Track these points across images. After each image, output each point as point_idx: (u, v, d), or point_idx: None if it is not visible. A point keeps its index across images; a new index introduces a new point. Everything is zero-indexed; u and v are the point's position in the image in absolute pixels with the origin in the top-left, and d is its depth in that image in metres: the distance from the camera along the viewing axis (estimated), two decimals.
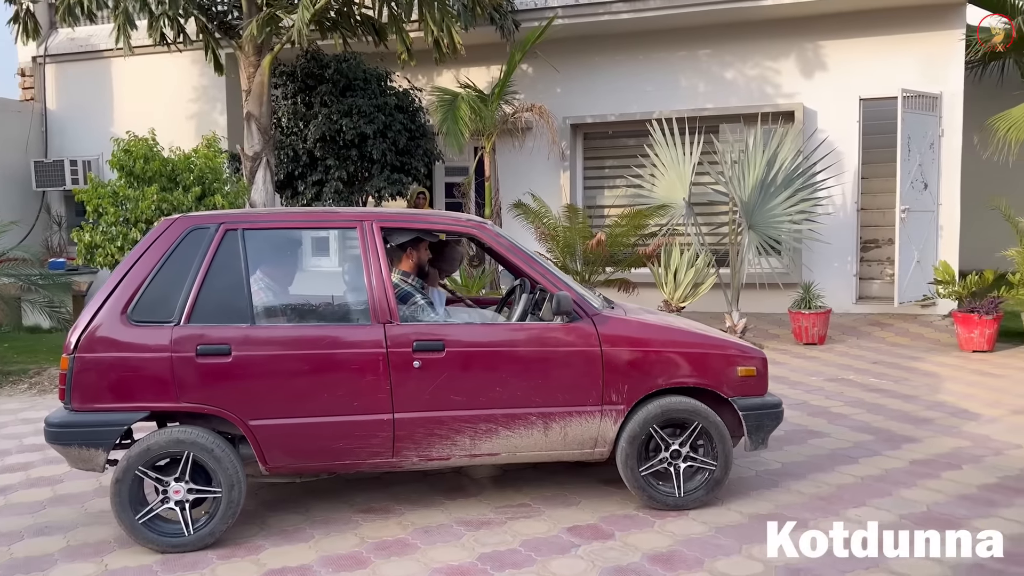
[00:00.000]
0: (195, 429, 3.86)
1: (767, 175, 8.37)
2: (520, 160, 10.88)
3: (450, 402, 3.97)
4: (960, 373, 7.21)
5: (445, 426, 3.97)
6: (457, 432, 3.99)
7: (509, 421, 4.01)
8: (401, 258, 4.47)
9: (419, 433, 3.96)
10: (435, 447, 4.00)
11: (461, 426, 3.98)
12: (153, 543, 3.84)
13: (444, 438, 3.99)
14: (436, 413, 3.96)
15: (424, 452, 4.00)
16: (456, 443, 4.01)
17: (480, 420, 3.99)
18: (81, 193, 7.29)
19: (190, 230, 3.96)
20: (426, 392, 3.94)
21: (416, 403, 3.94)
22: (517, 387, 4.01)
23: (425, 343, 3.94)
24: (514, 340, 4.06)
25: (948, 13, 9.57)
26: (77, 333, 3.79)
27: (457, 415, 3.97)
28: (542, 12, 10.18)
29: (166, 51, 10.12)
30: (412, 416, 3.94)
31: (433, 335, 3.98)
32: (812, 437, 5.39)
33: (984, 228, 10.04)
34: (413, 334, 3.95)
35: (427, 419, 3.95)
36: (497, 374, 4.01)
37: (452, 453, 4.03)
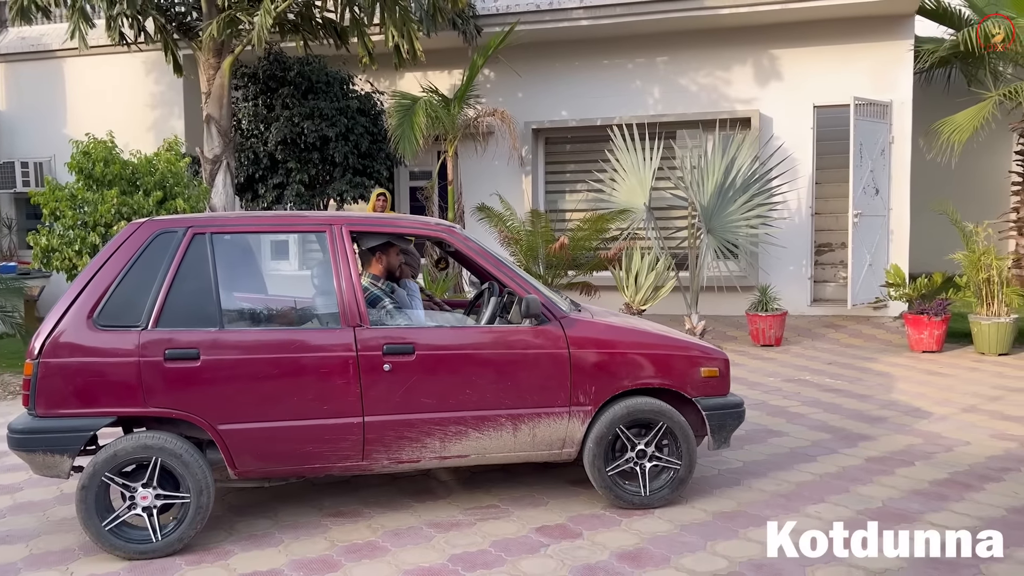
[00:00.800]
0: (163, 434, 3.83)
1: (725, 180, 8.55)
2: (483, 164, 10.95)
3: (420, 405, 4.00)
4: (911, 373, 7.45)
5: (415, 429, 4.00)
6: (427, 435, 4.02)
7: (479, 423, 4.06)
8: (371, 262, 4.49)
9: (389, 436, 3.98)
10: (405, 450, 4.03)
11: (431, 428, 4.02)
12: (120, 550, 3.80)
13: (414, 441, 4.02)
14: (406, 416, 3.99)
15: (394, 455, 4.03)
16: (426, 445, 4.04)
17: (450, 422, 4.03)
18: (37, 195, 7.16)
19: (157, 234, 3.93)
20: (396, 395, 3.97)
21: (386, 406, 3.96)
22: (486, 389, 4.06)
23: (395, 346, 3.97)
24: (483, 343, 4.11)
25: (898, 24, 9.90)
26: (42, 338, 3.74)
27: (427, 418, 4.01)
28: (504, 18, 10.26)
29: (124, 51, 9.99)
30: (382, 419, 3.96)
31: (403, 338, 4.01)
32: (772, 436, 5.53)
33: (934, 232, 10.39)
34: (383, 337, 3.98)
35: (397, 422, 3.98)
36: (466, 377, 4.05)
37: (422, 456, 4.06)
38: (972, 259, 8.35)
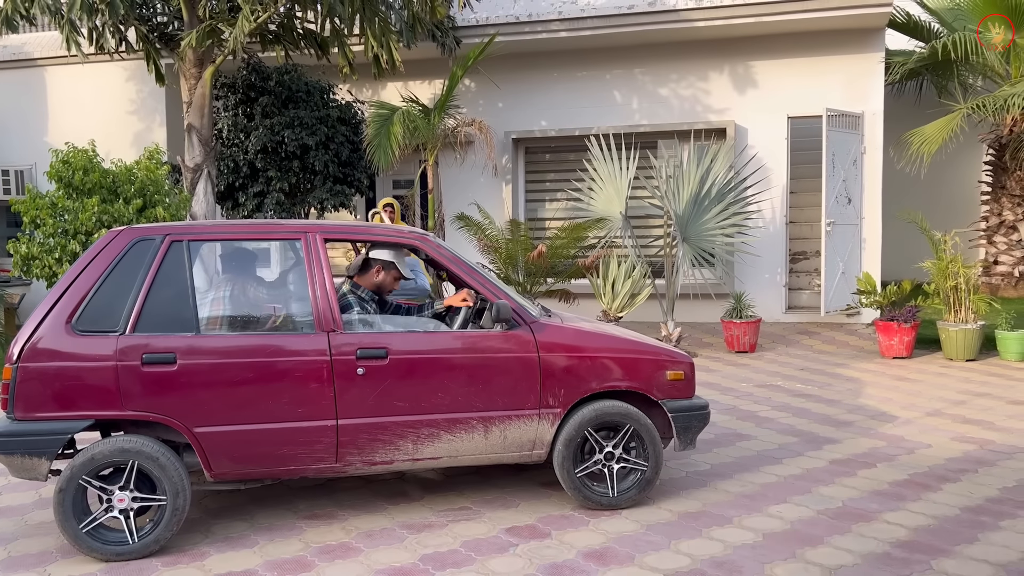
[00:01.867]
0: (140, 438, 3.90)
1: (700, 190, 8.72)
2: (463, 173, 11.08)
3: (393, 408, 4.10)
4: (880, 378, 7.62)
5: (388, 431, 4.10)
6: (400, 437, 4.12)
7: (450, 426, 4.16)
8: (367, 273, 4.61)
9: (363, 439, 4.08)
10: (378, 452, 4.12)
11: (404, 431, 4.12)
12: (97, 552, 3.87)
13: (387, 443, 4.12)
14: (379, 419, 4.08)
15: (368, 457, 4.12)
16: (399, 448, 4.14)
17: (422, 425, 4.13)
18: (17, 203, 7.20)
19: (136, 241, 4.02)
20: (370, 398, 4.06)
21: (360, 409, 4.06)
22: (458, 393, 4.17)
23: (369, 351, 4.07)
24: (455, 347, 4.21)
25: (869, 37, 10.12)
26: (21, 343, 3.81)
27: (400, 420, 4.11)
28: (483, 29, 10.41)
29: (106, 60, 10.03)
30: (356, 422, 4.05)
31: (376, 343, 4.11)
32: (740, 440, 5.66)
33: (906, 240, 10.62)
34: (357, 342, 4.08)
35: (370, 425, 4.08)
36: (439, 380, 4.15)
37: (395, 458, 4.16)
38: (940, 267, 8.54)
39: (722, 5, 9.89)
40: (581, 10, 10.32)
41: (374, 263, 4.61)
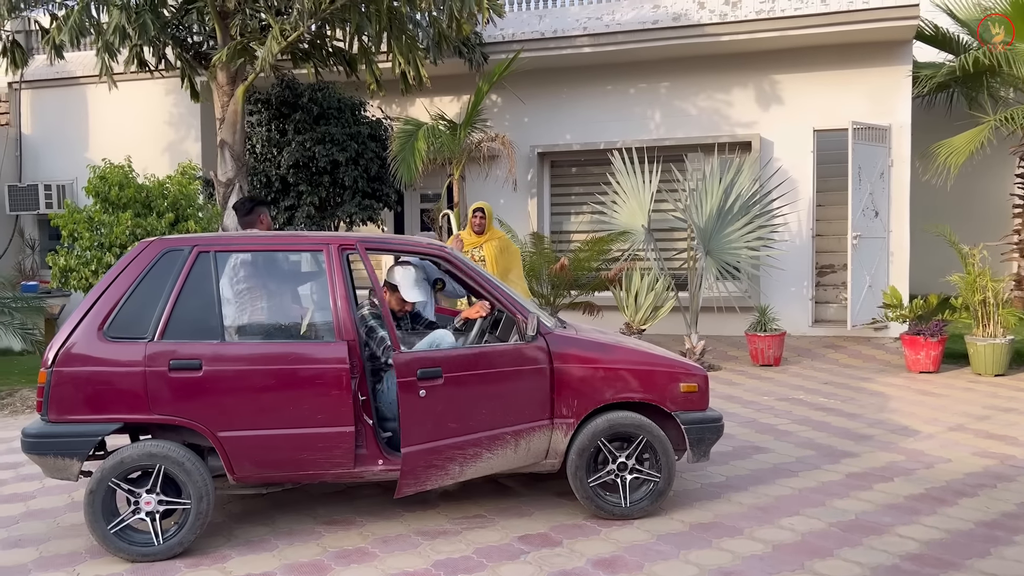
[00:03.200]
0: (167, 443, 4.06)
1: (724, 203, 8.74)
2: (490, 187, 11.20)
3: None
4: (905, 393, 7.56)
5: None
6: None
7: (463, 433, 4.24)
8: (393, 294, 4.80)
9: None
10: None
11: None
12: (124, 552, 4.02)
13: None
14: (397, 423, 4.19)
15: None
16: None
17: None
18: (57, 218, 7.48)
19: (165, 252, 4.18)
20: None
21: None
22: (475, 403, 4.24)
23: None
24: (471, 359, 4.30)
25: (896, 50, 10.08)
26: (55, 348, 3.99)
27: None
28: (509, 46, 10.56)
29: (144, 78, 10.36)
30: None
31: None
32: (757, 452, 5.67)
33: (936, 253, 10.49)
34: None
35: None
36: (455, 389, 4.23)
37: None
38: (968, 280, 8.46)
39: (747, 20, 9.92)
40: (606, 26, 10.42)
41: (386, 284, 4.79)
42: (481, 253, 7.05)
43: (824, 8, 9.63)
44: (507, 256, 7.14)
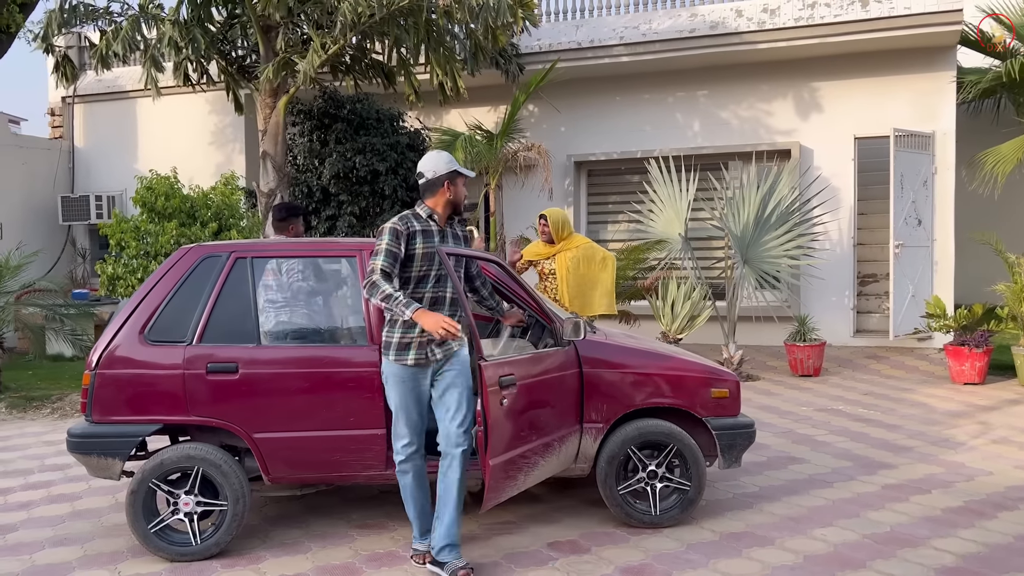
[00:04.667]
0: (205, 446, 4.17)
1: (761, 211, 8.66)
2: (526, 196, 11.26)
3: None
4: (947, 404, 7.39)
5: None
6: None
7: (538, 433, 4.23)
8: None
9: None
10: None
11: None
12: (163, 552, 4.13)
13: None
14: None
15: None
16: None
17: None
18: (105, 227, 7.72)
19: (203, 258, 4.31)
20: None
21: None
22: (538, 409, 4.23)
23: None
24: (534, 365, 4.27)
25: (939, 55, 9.91)
26: (99, 351, 4.13)
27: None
28: (546, 56, 10.62)
29: (189, 92, 10.65)
30: None
31: None
32: (793, 463, 5.60)
33: (982, 263, 10.26)
34: None
35: None
36: (525, 397, 4.19)
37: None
38: (1015, 290, 8.26)
39: (786, 27, 9.85)
40: (643, 35, 10.43)
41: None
42: (552, 265, 6.39)
43: (865, 15, 9.51)
44: (591, 267, 6.33)
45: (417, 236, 3.88)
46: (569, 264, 6.28)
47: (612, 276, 6.43)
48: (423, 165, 4.01)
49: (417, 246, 3.86)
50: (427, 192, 4.01)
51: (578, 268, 6.29)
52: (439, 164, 3.99)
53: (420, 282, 3.89)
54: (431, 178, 3.97)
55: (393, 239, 3.82)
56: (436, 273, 3.90)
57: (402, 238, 3.84)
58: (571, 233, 6.49)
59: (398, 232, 3.84)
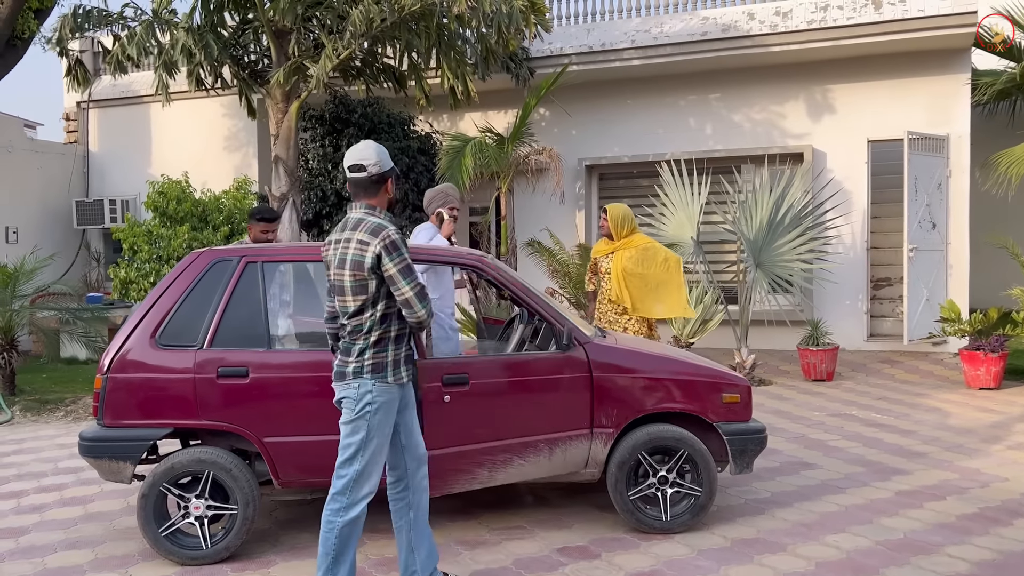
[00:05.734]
0: (215, 450, 4.18)
1: (774, 215, 8.62)
2: (536, 200, 11.25)
3: (468, 432, 4.21)
4: (962, 410, 7.32)
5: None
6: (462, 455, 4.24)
7: (497, 433, 4.25)
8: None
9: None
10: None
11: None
12: (173, 555, 4.14)
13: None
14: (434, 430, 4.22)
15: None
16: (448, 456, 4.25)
17: (482, 439, 4.24)
18: (118, 232, 7.76)
19: (215, 262, 4.32)
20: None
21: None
22: (513, 410, 4.27)
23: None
24: (507, 366, 4.32)
25: (954, 58, 9.84)
26: (110, 356, 4.15)
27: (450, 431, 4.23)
28: (557, 59, 10.61)
29: (203, 96, 10.72)
30: None
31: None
32: (805, 469, 5.56)
33: (996, 266, 10.18)
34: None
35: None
36: (492, 398, 4.25)
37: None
38: None
39: (798, 30, 9.80)
40: (654, 38, 10.40)
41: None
42: (608, 263, 6.11)
43: (878, 17, 9.45)
44: (651, 267, 6.00)
45: None
46: (627, 264, 5.98)
47: (680, 277, 6.10)
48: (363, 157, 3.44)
49: None
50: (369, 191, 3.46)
51: (638, 268, 5.98)
52: (382, 158, 3.48)
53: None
54: (375, 173, 3.44)
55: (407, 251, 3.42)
56: None
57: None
58: (633, 231, 6.14)
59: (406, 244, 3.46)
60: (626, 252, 6.03)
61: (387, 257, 3.31)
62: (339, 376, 3.49)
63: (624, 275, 5.97)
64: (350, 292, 3.38)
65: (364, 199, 3.48)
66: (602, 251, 6.23)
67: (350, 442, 3.45)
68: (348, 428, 3.47)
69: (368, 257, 3.32)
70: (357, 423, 3.43)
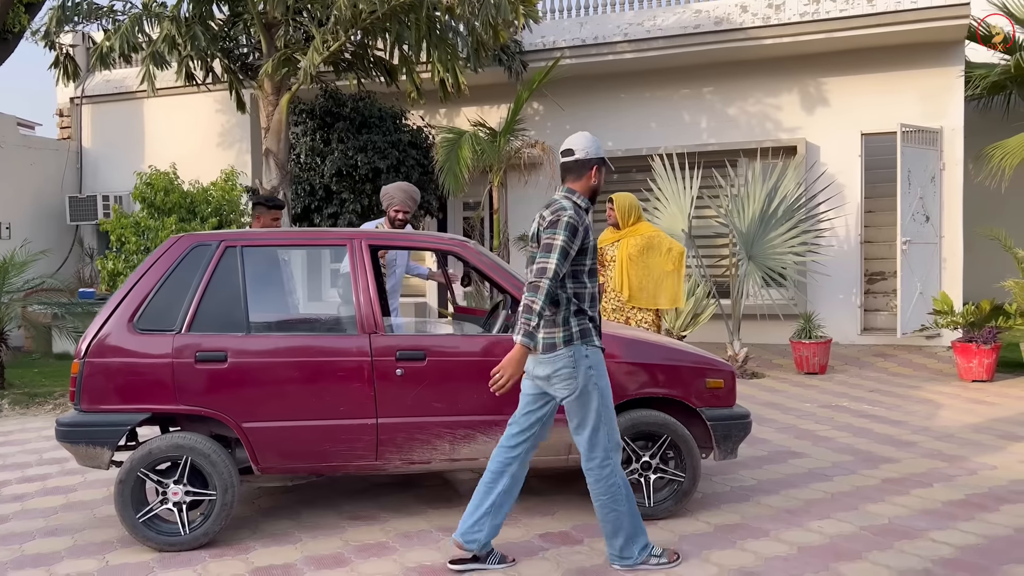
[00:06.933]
0: (194, 435, 4.13)
1: (767, 207, 8.58)
2: (529, 194, 11.22)
3: (431, 408, 4.20)
4: (955, 401, 7.28)
5: (426, 431, 4.20)
6: (437, 437, 4.22)
7: (487, 427, 4.23)
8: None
9: (401, 437, 4.20)
10: (416, 451, 4.23)
11: (441, 431, 4.21)
12: (152, 541, 4.10)
13: (425, 443, 4.22)
14: (417, 419, 4.20)
15: (406, 456, 4.24)
16: (436, 448, 4.23)
17: (459, 426, 4.22)
18: (106, 224, 7.73)
19: (194, 246, 4.28)
20: (408, 398, 4.18)
21: (398, 409, 4.18)
22: (494, 394, 4.22)
23: (408, 352, 4.20)
24: (491, 350, 4.29)
25: (947, 50, 9.81)
26: (87, 340, 4.11)
27: (437, 421, 4.21)
28: (550, 53, 10.59)
29: (195, 91, 10.69)
30: (394, 421, 4.18)
31: (416, 345, 4.24)
32: (793, 457, 5.52)
33: (991, 259, 10.14)
34: (396, 344, 4.22)
35: (409, 424, 4.19)
36: (475, 383, 4.23)
37: (432, 457, 4.25)
38: (1022, 285, 8.13)
39: (791, 22, 9.78)
40: (647, 31, 10.38)
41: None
42: (614, 252, 6.06)
43: (871, 9, 9.43)
44: (655, 257, 5.95)
45: (589, 230, 3.60)
46: (631, 252, 5.93)
47: (680, 268, 6.05)
48: (574, 143, 3.73)
49: (590, 239, 3.60)
50: (574, 173, 3.70)
51: (641, 257, 5.94)
52: (591, 146, 3.72)
53: (591, 276, 3.63)
54: (582, 159, 3.69)
55: (571, 237, 3.47)
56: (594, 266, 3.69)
57: (579, 236, 3.51)
58: (639, 219, 6.12)
59: (576, 229, 3.50)
60: (631, 240, 6.00)
61: (545, 230, 3.53)
62: (549, 347, 3.57)
63: (627, 263, 5.93)
64: None
65: (568, 182, 3.73)
66: (608, 240, 6.17)
67: (586, 412, 3.59)
68: (578, 402, 3.58)
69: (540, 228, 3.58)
70: (586, 394, 3.58)
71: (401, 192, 5.78)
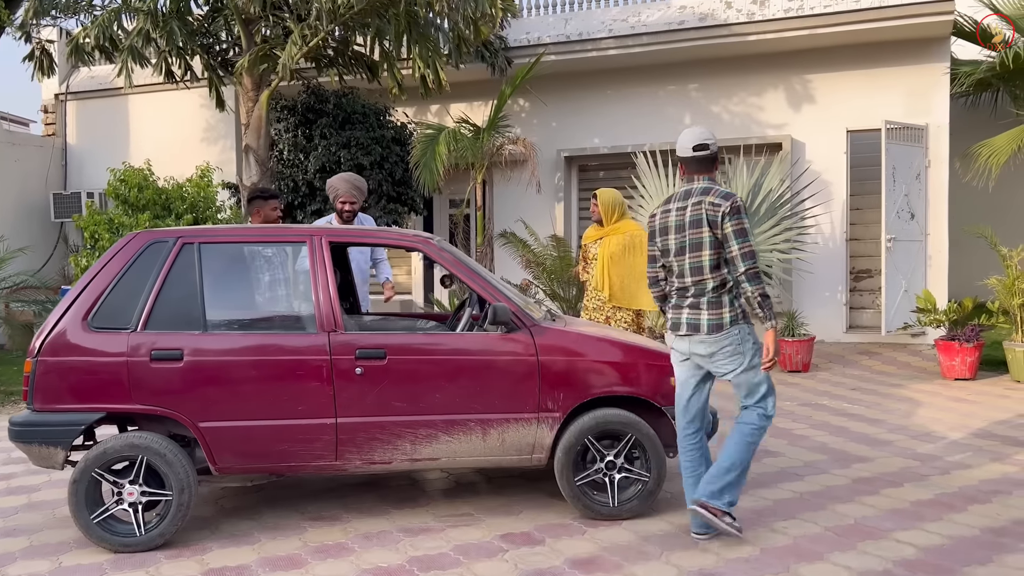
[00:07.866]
0: (149, 434, 4.07)
1: (750, 203, 8.51)
2: (516, 191, 11.15)
3: (391, 408, 4.14)
4: (935, 399, 7.22)
5: (386, 431, 4.14)
6: (398, 437, 4.16)
7: (448, 427, 4.17)
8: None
9: (361, 437, 4.13)
10: (377, 451, 4.17)
11: (402, 431, 4.15)
12: (106, 542, 4.03)
13: (385, 443, 4.16)
14: (377, 418, 4.13)
15: (366, 456, 4.17)
16: (397, 447, 4.17)
17: (420, 425, 4.16)
18: (79, 221, 7.65)
19: (150, 243, 4.21)
20: (368, 398, 4.12)
21: (358, 408, 4.12)
22: (456, 394, 4.17)
23: (368, 351, 4.13)
24: (453, 348, 4.23)
25: (932, 47, 9.75)
26: (41, 338, 4.04)
27: (398, 420, 4.14)
28: (534, 49, 10.51)
29: (181, 88, 10.59)
30: (354, 421, 4.12)
31: (375, 343, 4.17)
32: (766, 456, 5.46)
33: (977, 257, 10.07)
34: (356, 342, 4.15)
35: (368, 424, 4.13)
36: (436, 381, 4.17)
37: (393, 457, 4.19)
38: (1007, 284, 8.07)
39: (775, 18, 9.71)
40: (632, 27, 10.30)
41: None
42: (596, 249, 5.98)
43: (855, 5, 9.36)
44: (638, 256, 5.81)
45: None
46: (614, 251, 5.82)
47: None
48: (707, 136, 3.95)
49: None
50: (709, 164, 3.96)
51: (624, 256, 5.82)
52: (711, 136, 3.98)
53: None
54: (715, 151, 3.97)
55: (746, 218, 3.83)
56: None
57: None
58: (623, 216, 5.98)
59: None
60: (614, 238, 5.88)
61: (729, 218, 3.77)
62: (715, 328, 3.86)
63: (609, 262, 5.83)
64: (709, 247, 3.82)
65: (704, 173, 3.97)
66: (592, 237, 6.07)
67: (757, 382, 3.95)
68: (748, 375, 3.92)
69: (719, 216, 3.77)
70: (752, 369, 3.91)
71: (344, 183, 5.72)
